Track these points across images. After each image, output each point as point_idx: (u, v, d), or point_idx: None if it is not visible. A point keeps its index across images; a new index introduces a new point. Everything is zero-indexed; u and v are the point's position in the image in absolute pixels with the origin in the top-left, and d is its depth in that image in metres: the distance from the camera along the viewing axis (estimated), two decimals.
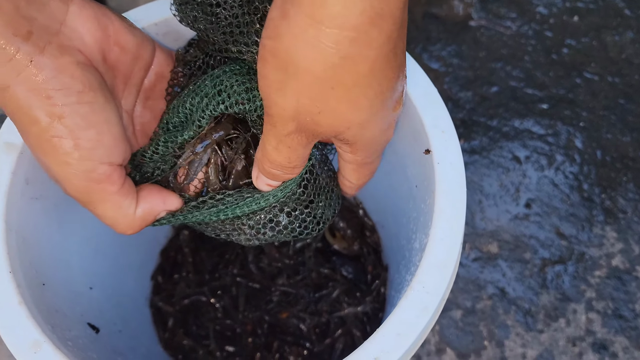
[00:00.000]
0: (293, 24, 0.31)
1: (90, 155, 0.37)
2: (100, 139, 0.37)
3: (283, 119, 0.35)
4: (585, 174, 0.87)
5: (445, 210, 0.41)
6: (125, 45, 0.41)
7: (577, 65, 0.95)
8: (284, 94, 0.34)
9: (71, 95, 0.36)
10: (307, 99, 0.34)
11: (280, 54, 0.32)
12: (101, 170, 0.38)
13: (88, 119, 0.37)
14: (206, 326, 0.71)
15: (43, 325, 0.39)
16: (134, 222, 0.42)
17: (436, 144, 0.43)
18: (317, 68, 0.32)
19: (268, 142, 0.38)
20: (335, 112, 0.35)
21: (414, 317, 0.38)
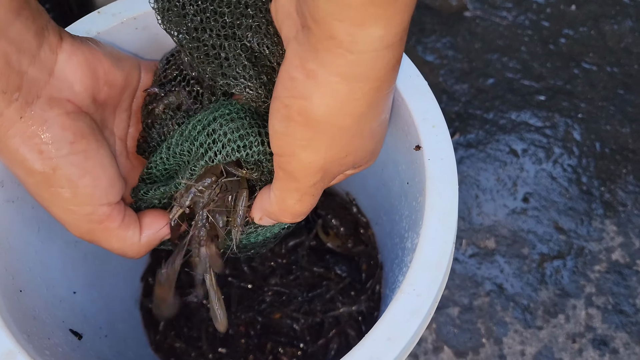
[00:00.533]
0: (322, 83, 0.31)
1: (90, 201, 0.38)
2: (97, 184, 0.38)
3: (309, 172, 0.35)
4: (584, 166, 0.85)
5: (436, 208, 0.39)
6: (115, 82, 0.41)
7: (575, 55, 0.93)
8: (313, 150, 0.34)
9: (63, 148, 0.36)
10: (336, 149, 0.35)
11: (310, 113, 0.32)
12: (101, 211, 0.39)
13: (83, 167, 0.37)
14: (198, 328, 0.69)
15: (18, 335, 0.38)
16: (140, 249, 0.43)
17: (426, 139, 0.41)
18: (347, 121, 0.33)
19: (289, 197, 0.38)
20: (359, 151, 0.37)
21: (404, 321, 0.36)
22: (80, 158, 0.37)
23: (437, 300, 0.39)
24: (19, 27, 0.33)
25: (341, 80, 0.31)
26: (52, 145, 0.35)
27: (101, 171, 0.38)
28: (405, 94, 0.43)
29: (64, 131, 0.36)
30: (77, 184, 0.37)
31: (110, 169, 0.39)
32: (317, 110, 0.32)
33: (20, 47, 0.33)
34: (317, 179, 0.36)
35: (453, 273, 0.79)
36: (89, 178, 0.37)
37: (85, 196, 0.37)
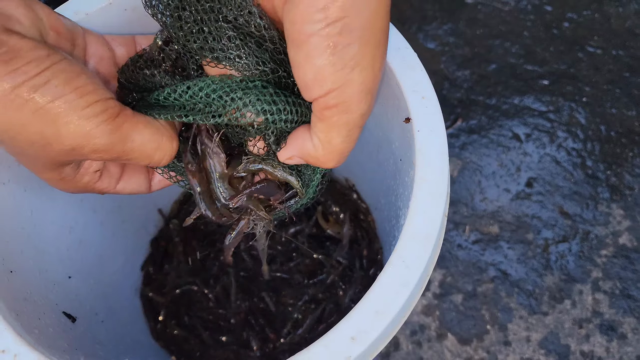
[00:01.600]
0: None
1: (96, 95, 0.35)
2: (93, 81, 0.35)
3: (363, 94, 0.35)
4: (589, 150, 0.83)
5: (425, 179, 0.38)
6: (60, 29, 0.38)
7: (579, 39, 0.92)
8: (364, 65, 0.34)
9: (43, 61, 0.33)
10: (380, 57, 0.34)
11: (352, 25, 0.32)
12: (112, 104, 0.36)
13: (73, 70, 0.34)
14: (198, 316, 0.69)
15: (6, 313, 0.38)
16: (172, 137, 0.40)
17: (416, 111, 0.41)
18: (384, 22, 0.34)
19: (337, 135, 0.36)
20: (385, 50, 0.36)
21: (393, 294, 0.36)
22: (65, 64, 0.34)
23: (427, 273, 0.38)
24: None
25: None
26: (30, 64, 0.33)
27: (89, 73, 0.35)
28: (394, 66, 0.42)
29: (34, 49, 0.33)
30: (77, 82, 0.34)
31: (92, 73, 0.36)
32: (358, 19, 0.32)
33: None
34: (369, 103, 0.35)
35: (456, 259, 0.78)
36: (84, 76, 0.35)
37: (90, 92, 0.34)
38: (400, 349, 0.73)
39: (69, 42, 0.39)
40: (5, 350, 0.35)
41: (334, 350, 0.34)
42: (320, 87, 0.34)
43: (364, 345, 0.34)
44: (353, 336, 0.34)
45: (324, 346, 0.34)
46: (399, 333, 0.74)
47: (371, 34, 0.33)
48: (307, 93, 0.35)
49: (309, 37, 0.33)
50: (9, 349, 0.35)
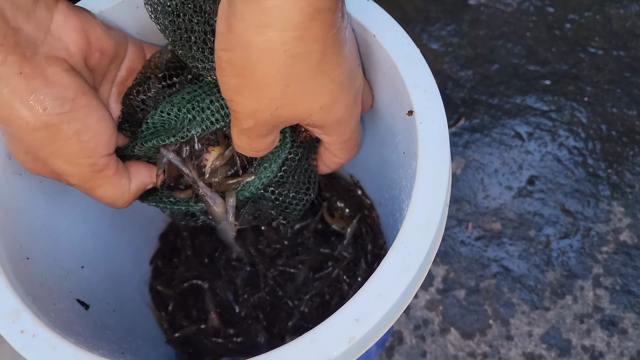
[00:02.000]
0: (241, 35, 0.32)
1: (92, 153, 0.40)
2: (99, 138, 0.40)
3: (243, 115, 0.37)
4: (590, 149, 0.85)
5: (426, 169, 0.40)
6: (106, 50, 0.42)
7: (581, 40, 0.93)
8: (243, 97, 0.36)
9: (66, 104, 0.37)
10: (266, 99, 0.36)
11: (235, 62, 0.34)
12: (102, 162, 0.41)
13: (86, 123, 0.39)
14: (206, 309, 0.71)
15: (24, 296, 0.39)
16: (130, 196, 0.45)
17: (418, 104, 0.42)
18: (271, 70, 0.34)
19: (232, 130, 0.41)
20: (293, 105, 0.37)
21: (395, 278, 0.37)
22: (83, 114, 0.38)
23: (429, 260, 0.40)
24: None
25: (256, 30, 0.32)
26: (55, 101, 0.36)
27: (103, 125, 0.39)
28: (397, 61, 0.44)
29: (65, 88, 0.37)
30: (81, 138, 0.38)
31: (109, 122, 0.40)
32: (239, 61, 0.34)
33: (15, 3, 0.35)
34: (250, 125, 0.38)
35: (459, 256, 0.79)
36: (92, 133, 0.39)
37: (88, 149, 0.39)
38: (404, 343, 0.75)
39: (110, 58, 0.43)
40: (24, 331, 0.37)
41: (338, 331, 0.36)
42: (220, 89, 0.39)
43: (367, 327, 0.36)
44: (357, 318, 0.36)
45: (328, 327, 0.36)
46: (403, 327, 0.76)
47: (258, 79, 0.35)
48: None
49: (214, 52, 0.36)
50: (28, 330, 0.37)
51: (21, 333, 0.37)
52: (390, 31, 0.45)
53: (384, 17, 0.46)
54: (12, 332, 0.37)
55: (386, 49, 0.45)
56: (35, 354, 0.36)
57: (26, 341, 0.37)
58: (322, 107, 0.38)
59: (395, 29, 0.45)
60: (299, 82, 0.35)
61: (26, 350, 0.37)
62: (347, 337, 0.35)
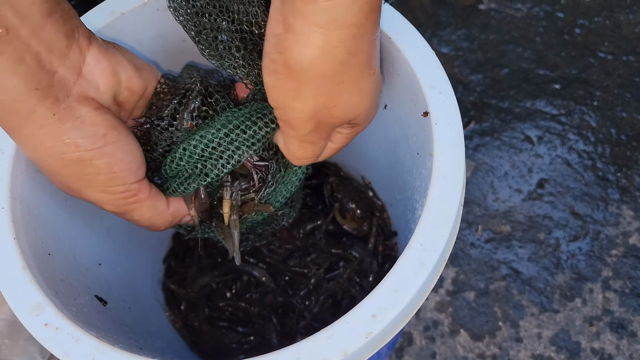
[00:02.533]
0: (300, 34, 0.33)
1: (123, 182, 0.41)
2: (129, 168, 0.42)
3: (302, 120, 0.38)
4: (600, 152, 0.85)
5: (442, 168, 0.41)
6: (134, 89, 0.44)
7: (590, 45, 0.94)
8: (301, 99, 0.37)
9: (97, 141, 0.39)
10: (323, 98, 0.37)
11: (293, 64, 0.35)
12: (133, 187, 0.43)
13: (116, 156, 0.40)
14: (219, 308, 0.71)
15: (47, 290, 0.40)
16: (168, 218, 0.47)
17: (433, 105, 0.43)
18: (327, 68, 0.35)
19: (291, 143, 0.41)
20: (346, 104, 0.38)
21: (412, 274, 0.38)
22: (114, 148, 0.40)
23: (444, 257, 0.40)
24: (51, 28, 0.36)
25: (316, 29, 0.33)
26: (87, 139, 0.38)
27: (132, 156, 0.41)
28: (413, 63, 0.45)
29: (96, 126, 0.39)
30: (112, 170, 0.40)
31: (138, 152, 0.42)
32: (297, 61, 0.35)
33: (51, 47, 0.36)
34: (311, 128, 0.39)
35: (469, 258, 0.80)
36: (122, 164, 0.40)
37: (119, 179, 0.41)
38: (413, 344, 0.75)
39: (138, 95, 0.45)
40: (48, 324, 0.38)
41: (356, 327, 0.36)
42: (269, 98, 0.39)
43: (384, 322, 0.36)
44: (374, 313, 0.37)
45: (345, 323, 0.36)
46: (413, 328, 0.76)
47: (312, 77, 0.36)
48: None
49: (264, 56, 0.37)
50: (51, 323, 0.38)
51: (45, 326, 0.38)
52: (406, 33, 0.46)
53: (399, 19, 0.47)
54: (35, 324, 0.38)
55: (402, 50, 0.45)
56: (58, 346, 0.37)
57: (50, 334, 0.38)
58: (367, 107, 0.40)
59: (411, 31, 0.46)
60: (351, 80, 0.37)
61: (49, 342, 0.37)
62: (364, 333, 0.36)
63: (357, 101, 0.39)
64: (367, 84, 0.38)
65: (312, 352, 0.36)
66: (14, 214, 0.42)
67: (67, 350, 0.37)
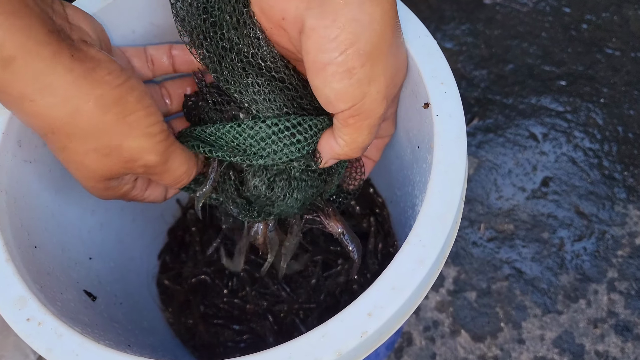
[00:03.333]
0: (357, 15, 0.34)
1: (157, 117, 0.39)
2: (154, 102, 0.40)
3: (379, 103, 0.38)
4: (606, 151, 0.83)
5: (443, 161, 0.39)
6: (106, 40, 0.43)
7: (597, 41, 0.92)
8: (376, 80, 0.37)
9: (120, 75, 0.37)
10: (391, 68, 0.38)
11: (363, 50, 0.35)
12: (165, 126, 0.40)
13: (140, 88, 0.38)
14: (214, 305, 0.70)
15: (31, 284, 0.39)
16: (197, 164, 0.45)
17: (435, 96, 0.41)
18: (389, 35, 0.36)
19: (361, 135, 0.40)
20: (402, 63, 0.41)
21: (410, 271, 0.36)
22: (135, 81, 0.38)
23: (444, 254, 0.39)
24: None
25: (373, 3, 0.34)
26: (111, 75, 0.36)
27: (151, 92, 0.41)
28: (414, 53, 0.43)
29: (110, 62, 0.37)
30: (144, 104, 0.38)
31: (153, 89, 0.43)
32: (366, 43, 0.35)
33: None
34: (385, 106, 0.39)
35: (471, 257, 0.78)
36: (148, 97, 0.38)
37: (154, 115, 0.39)
38: (413, 345, 0.74)
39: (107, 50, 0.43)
40: (30, 318, 0.36)
41: (350, 325, 0.35)
42: (343, 104, 0.37)
43: (381, 321, 0.35)
44: (369, 312, 0.35)
45: (340, 321, 0.35)
46: (413, 328, 0.74)
47: (380, 52, 0.36)
48: (329, 109, 0.38)
49: (325, 66, 0.35)
50: (34, 317, 0.36)
51: (27, 321, 0.36)
52: (408, 23, 0.44)
53: (402, 8, 0.45)
54: (18, 319, 0.36)
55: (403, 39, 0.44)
56: (40, 342, 0.36)
57: (32, 329, 0.36)
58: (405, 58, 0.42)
59: (413, 20, 0.45)
60: (397, 39, 0.38)
61: (32, 338, 0.36)
62: (359, 332, 0.35)
63: (404, 58, 0.41)
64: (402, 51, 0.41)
65: (304, 350, 0.34)
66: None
67: (50, 346, 0.36)
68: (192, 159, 0.44)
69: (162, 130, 0.39)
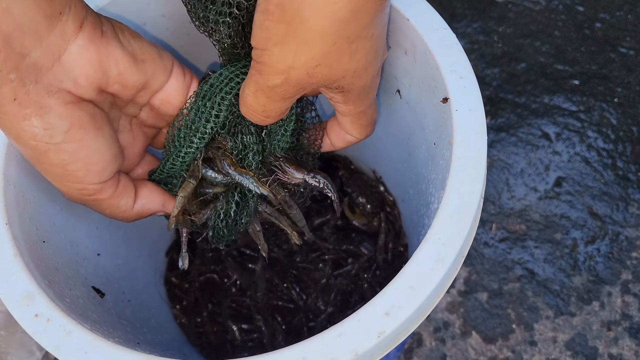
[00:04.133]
0: None
1: (80, 181, 0.38)
2: (89, 169, 0.38)
3: (273, 70, 0.35)
4: (620, 151, 0.82)
5: (462, 157, 0.38)
6: (128, 83, 0.39)
7: (611, 40, 0.91)
8: (283, 48, 0.34)
9: (56, 135, 0.35)
10: (307, 55, 0.34)
11: (288, 8, 0.32)
12: (91, 188, 0.39)
13: (75, 155, 0.37)
14: (222, 304, 0.69)
15: (39, 279, 0.38)
16: (131, 216, 0.44)
17: (454, 91, 0.40)
18: (325, 23, 0.32)
19: (248, 86, 0.38)
20: (331, 65, 0.35)
21: (429, 270, 0.35)
22: (75, 147, 0.36)
23: (463, 252, 0.38)
24: (29, 6, 0.31)
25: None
26: (46, 131, 0.35)
27: (97, 157, 0.38)
28: (432, 46, 0.42)
29: (61, 119, 0.35)
30: (66, 168, 0.37)
31: (106, 153, 0.38)
32: (295, 7, 0.32)
33: (25, 27, 0.32)
34: (278, 82, 0.36)
35: (482, 257, 0.77)
36: (81, 164, 0.37)
37: (75, 177, 0.38)
38: (423, 346, 0.72)
39: (134, 89, 0.40)
40: (38, 315, 0.36)
41: (367, 325, 0.34)
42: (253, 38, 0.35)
43: (398, 321, 0.34)
44: (387, 311, 0.34)
45: (357, 321, 0.34)
46: (423, 329, 0.73)
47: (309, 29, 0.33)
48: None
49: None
50: (42, 314, 0.36)
51: (35, 317, 0.35)
52: (425, 15, 0.43)
53: (418, 1, 0.44)
54: (25, 315, 0.36)
55: (420, 33, 0.43)
56: (49, 339, 0.35)
57: (40, 325, 0.35)
58: (355, 70, 0.36)
59: (430, 12, 0.44)
60: (346, 41, 0.34)
61: (40, 335, 0.35)
62: (376, 332, 0.34)
63: (344, 64, 0.35)
64: (362, 47, 0.35)
65: (319, 351, 0.33)
66: (7, 199, 0.40)
67: (58, 343, 0.35)
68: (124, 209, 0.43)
69: (80, 189, 0.39)
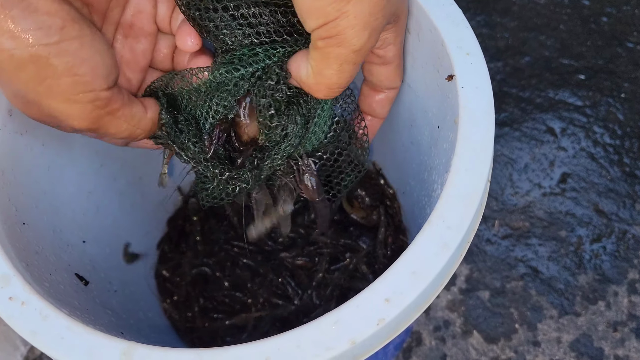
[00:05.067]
0: None
1: (90, 87, 0.35)
2: (96, 72, 0.35)
3: (357, 30, 0.33)
4: (627, 147, 0.80)
5: (469, 137, 0.36)
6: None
7: (618, 34, 0.89)
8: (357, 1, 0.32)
9: (53, 34, 0.32)
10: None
11: None
12: (103, 95, 0.36)
13: (79, 55, 0.34)
14: (214, 298, 0.67)
15: (16, 262, 0.35)
16: (148, 125, 0.40)
17: (460, 68, 0.38)
18: None
19: (328, 66, 0.36)
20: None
21: (432, 255, 0.33)
22: (75, 45, 0.33)
23: (468, 238, 0.36)
24: None
25: None
26: (40, 30, 0.31)
27: (99, 57, 0.34)
28: (438, 22, 0.40)
29: (51, 15, 0.32)
30: (74, 72, 0.33)
31: (107, 54, 0.36)
32: None
33: None
34: (365, 39, 0.34)
35: (484, 254, 0.75)
36: (87, 66, 0.34)
37: (84, 84, 0.34)
38: (422, 345, 0.70)
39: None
40: (13, 297, 0.33)
41: (366, 312, 0.31)
42: (315, 19, 0.33)
43: (399, 308, 0.31)
44: (387, 297, 0.32)
45: (355, 307, 0.32)
46: (422, 328, 0.71)
47: None
48: (305, 25, 0.34)
49: None
50: (17, 296, 0.33)
51: (9, 300, 0.33)
52: None
53: None
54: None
55: (426, 9, 0.41)
56: (23, 323, 0.32)
57: (14, 309, 0.33)
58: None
59: None
60: None
61: (14, 319, 0.33)
62: (375, 319, 0.31)
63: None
64: None
65: (314, 339, 0.31)
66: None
67: (34, 328, 0.32)
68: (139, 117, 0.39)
69: (94, 100, 0.35)
